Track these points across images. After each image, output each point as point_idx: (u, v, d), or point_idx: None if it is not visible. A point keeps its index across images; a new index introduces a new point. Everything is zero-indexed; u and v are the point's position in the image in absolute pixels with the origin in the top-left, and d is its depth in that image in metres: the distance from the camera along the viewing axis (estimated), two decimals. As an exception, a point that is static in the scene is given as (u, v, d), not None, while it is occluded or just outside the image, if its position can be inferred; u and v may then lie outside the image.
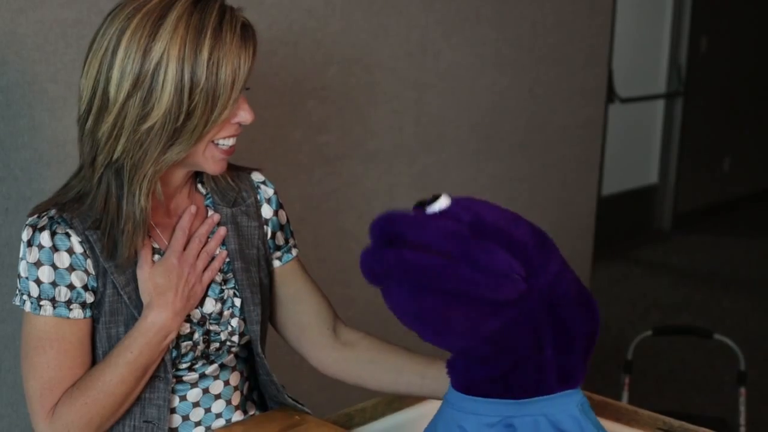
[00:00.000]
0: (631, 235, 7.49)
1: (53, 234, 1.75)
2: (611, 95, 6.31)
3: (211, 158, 1.81)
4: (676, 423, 2.02)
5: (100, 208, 1.76)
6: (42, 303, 1.76)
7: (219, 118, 1.74)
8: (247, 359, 2.03)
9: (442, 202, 1.60)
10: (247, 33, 1.75)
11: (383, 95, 3.31)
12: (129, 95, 1.70)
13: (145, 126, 1.71)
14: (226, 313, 1.91)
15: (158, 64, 1.69)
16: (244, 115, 1.79)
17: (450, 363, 1.69)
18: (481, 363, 1.61)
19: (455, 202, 1.61)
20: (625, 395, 3.82)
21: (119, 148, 1.73)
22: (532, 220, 1.65)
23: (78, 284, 1.77)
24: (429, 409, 2.13)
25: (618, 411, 2.08)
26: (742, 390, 3.79)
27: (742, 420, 3.77)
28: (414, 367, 1.93)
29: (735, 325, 5.66)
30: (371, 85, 3.26)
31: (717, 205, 8.30)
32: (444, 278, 1.52)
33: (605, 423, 2.02)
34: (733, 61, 8.06)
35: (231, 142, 1.81)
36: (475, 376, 1.63)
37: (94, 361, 1.82)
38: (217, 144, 1.80)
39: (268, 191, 2.02)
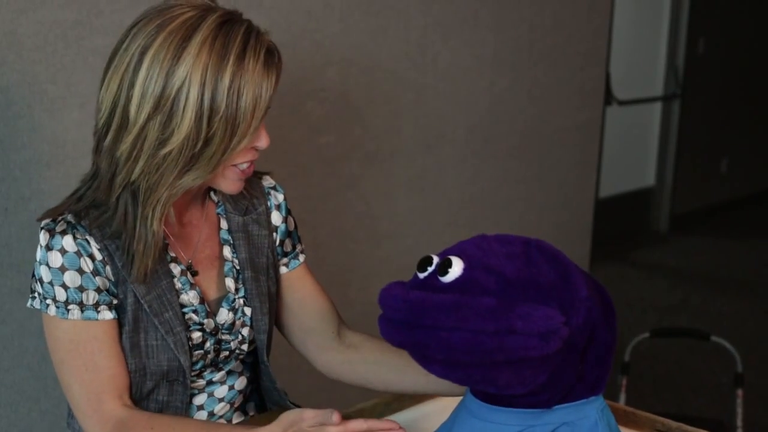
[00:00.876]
0: (628, 237, 7.49)
1: (75, 238, 1.75)
2: (609, 97, 6.31)
3: (230, 180, 1.80)
4: (673, 424, 2.02)
5: (118, 225, 1.76)
6: (70, 307, 1.75)
7: (238, 146, 1.72)
8: (252, 364, 2.03)
9: (456, 269, 1.52)
10: (271, 59, 1.73)
11: (382, 96, 3.32)
12: (149, 117, 1.68)
13: (164, 151, 1.69)
14: (237, 322, 1.92)
15: (180, 88, 1.66)
16: (262, 141, 1.78)
17: None
18: (528, 396, 1.60)
19: (468, 265, 1.53)
20: (623, 397, 3.83)
21: (137, 170, 1.71)
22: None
23: (102, 288, 1.77)
24: (428, 410, 2.14)
25: (615, 412, 2.08)
26: (740, 392, 3.80)
27: (739, 422, 3.78)
28: (418, 366, 1.93)
29: (732, 327, 5.67)
30: (370, 86, 3.27)
31: (714, 207, 8.30)
32: (491, 353, 1.47)
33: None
34: (731, 64, 8.06)
35: (248, 164, 1.80)
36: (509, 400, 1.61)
37: None
38: (236, 166, 1.79)
39: (278, 197, 2.02)
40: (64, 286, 1.75)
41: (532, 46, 3.86)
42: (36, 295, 1.79)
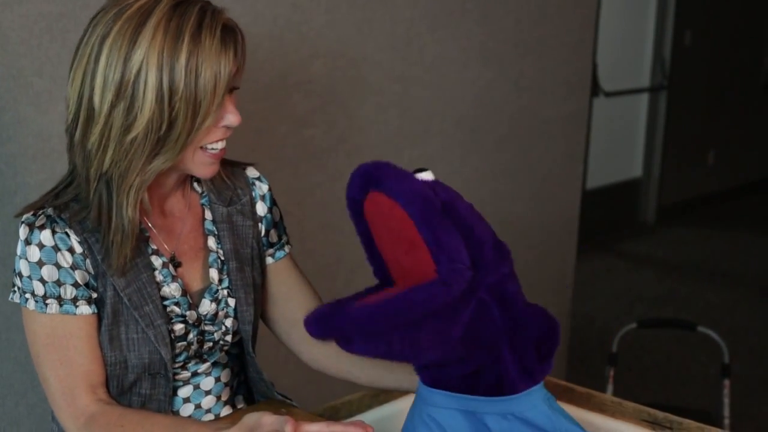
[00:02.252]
0: (615, 229, 7.51)
1: (53, 232, 1.75)
2: (596, 89, 6.33)
3: (200, 163, 1.80)
4: (660, 415, 2.03)
5: (95, 218, 1.76)
6: (48, 301, 1.76)
7: (203, 124, 1.72)
8: (238, 355, 2.03)
9: (427, 175, 1.60)
10: (228, 35, 1.73)
11: (368, 89, 3.32)
12: (113, 105, 1.69)
13: (130, 136, 1.70)
14: (220, 313, 1.92)
15: (138, 72, 1.68)
16: (231, 118, 1.77)
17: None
18: (455, 363, 1.62)
19: (438, 182, 1.62)
20: (610, 388, 3.84)
21: (107, 159, 1.72)
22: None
23: (81, 282, 1.77)
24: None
25: (603, 403, 2.09)
26: (726, 382, 3.81)
27: (726, 412, 3.79)
28: (403, 363, 1.94)
29: (719, 317, 5.69)
30: (356, 78, 3.27)
31: (701, 198, 8.32)
32: (401, 313, 1.51)
33: (590, 415, 2.03)
34: (718, 55, 8.08)
35: (220, 145, 1.80)
36: (448, 375, 1.64)
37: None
38: (206, 148, 1.79)
39: (262, 188, 2.02)
40: (42, 281, 1.76)
41: (519, 37, 3.86)
42: (16, 289, 1.79)
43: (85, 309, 1.78)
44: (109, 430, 1.75)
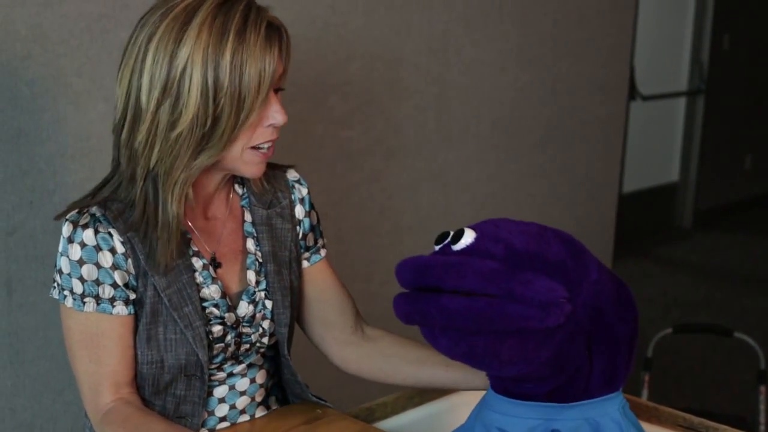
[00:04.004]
0: (651, 233, 7.48)
1: (96, 232, 1.76)
2: (633, 92, 6.30)
3: (250, 162, 1.80)
4: (696, 420, 2.02)
5: (139, 216, 1.77)
6: (86, 300, 1.77)
7: (246, 121, 1.73)
8: (273, 357, 2.04)
9: (467, 238, 1.56)
10: (272, 33, 1.74)
11: (405, 91, 3.32)
12: (159, 103, 1.71)
13: (175, 132, 1.71)
14: (258, 315, 1.92)
15: (184, 69, 1.69)
16: (277, 117, 1.78)
17: None
18: (535, 382, 1.60)
19: (480, 234, 1.57)
20: (645, 392, 3.82)
21: (154, 156, 1.73)
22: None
23: (120, 282, 1.78)
24: (450, 404, 2.14)
25: (638, 408, 2.08)
26: (762, 388, 3.79)
27: (762, 418, 3.77)
28: (437, 357, 1.93)
29: (755, 323, 5.65)
30: (393, 80, 3.27)
31: (738, 203, 8.27)
32: (491, 320, 1.49)
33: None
34: (755, 59, 8.02)
35: (268, 145, 1.81)
36: (526, 390, 1.62)
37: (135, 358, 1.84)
38: (256, 147, 1.80)
39: (302, 191, 2.02)
40: (81, 279, 1.77)
41: (556, 40, 3.85)
42: (56, 285, 1.81)
43: (121, 309, 1.79)
44: (114, 428, 1.77)
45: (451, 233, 1.58)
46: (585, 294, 1.55)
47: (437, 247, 1.59)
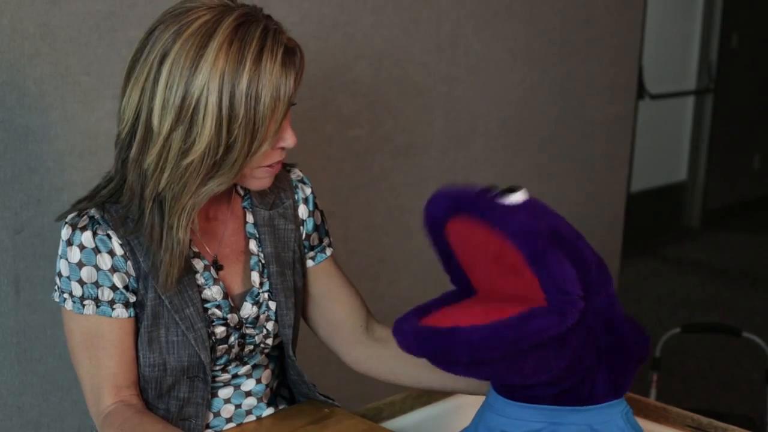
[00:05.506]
0: (659, 232, 7.47)
1: (94, 234, 1.76)
2: (641, 91, 6.29)
3: (258, 178, 1.80)
4: (705, 420, 2.02)
5: (147, 236, 1.75)
6: (85, 303, 1.77)
7: (259, 150, 1.71)
8: (278, 358, 2.03)
9: (521, 195, 1.56)
10: (289, 58, 1.70)
11: (413, 90, 3.31)
12: (172, 128, 1.67)
13: (186, 161, 1.68)
14: (261, 316, 1.92)
15: (199, 98, 1.65)
16: (288, 140, 1.76)
17: None
18: (546, 387, 1.60)
19: (535, 202, 1.57)
20: (653, 392, 3.82)
21: (163, 180, 1.71)
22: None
23: (120, 285, 1.78)
24: (457, 404, 2.14)
25: (647, 408, 2.08)
26: (771, 388, 3.78)
27: (771, 418, 3.76)
28: None
29: (764, 323, 5.64)
30: (401, 79, 3.27)
31: (746, 202, 8.26)
32: (514, 343, 1.48)
33: (634, 420, 2.02)
34: (764, 58, 8.01)
35: (275, 162, 1.80)
36: (533, 392, 1.62)
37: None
38: (264, 166, 1.78)
39: (305, 190, 2.01)
40: (81, 282, 1.76)
41: (565, 39, 3.85)
42: (56, 288, 1.80)
43: (121, 312, 1.78)
44: (112, 431, 1.77)
45: (500, 188, 1.57)
46: (600, 302, 1.56)
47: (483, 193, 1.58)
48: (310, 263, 2.02)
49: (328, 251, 2.05)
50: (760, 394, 3.98)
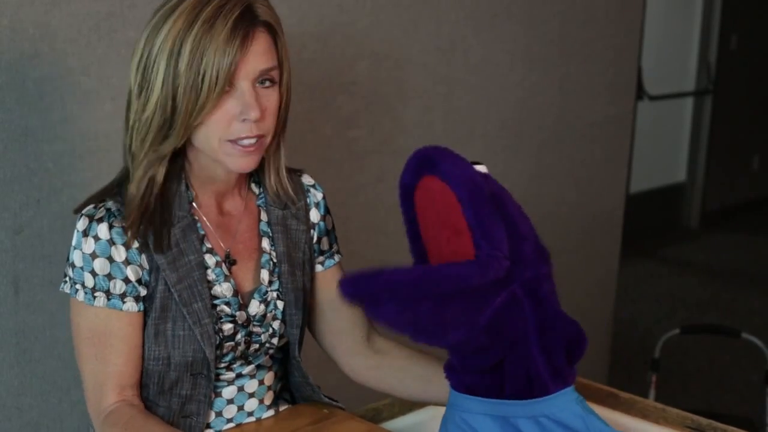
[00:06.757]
0: (658, 233, 7.47)
1: (111, 226, 1.77)
2: (640, 92, 6.30)
3: (229, 155, 1.78)
4: (704, 421, 2.02)
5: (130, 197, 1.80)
6: (96, 294, 1.77)
7: (202, 111, 1.73)
8: (282, 360, 2.04)
9: (481, 168, 1.68)
10: (241, 24, 1.72)
11: (413, 91, 3.31)
12: (140, 86, 1.76)
13: (145, 116, 1.75)
14: (269, 315, 1.92)
15: (156, 56, 1.73)
16: (248, 112, 1.75)
17: (447, 366, 1.72)
18: (477, 353, 1.63)
19: (490, 176, 1.69)
20: (652, 393, 3.82)
21: (134, 137, 1.79)
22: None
23: (133, 278, 1.79)
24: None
25: (645, 409, 2.08)
26: (769, 389, 3.78)
27: (769, 419, 3.77)
28: (443, 377, 1.93)
29: (763, 324, 5.64)
30: (401, 80, 3.27)
31: (745, 203, 8.27)
32: (436, 283, 1.52)
33: (633, 421, 2.02)
34: (763, 60, 8.02)
35: (250, 141, 1.78)
36: (473, 370, 1.66)
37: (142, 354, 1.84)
38: (235, 142, 1.78)
39: (317, 195, 2.03)
40: (93, 273, 1.77)
41: (564, 40, 3.85)
42: (67, 279, 1.81)
43: (131, 306, 1.79)
44: (116, 431, 1.77)
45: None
46: (528, 274, 1.61)
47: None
48: (318, 268, 2.03)
49: (337, 257, 2.06)
50: (759, 395, 3.98)
